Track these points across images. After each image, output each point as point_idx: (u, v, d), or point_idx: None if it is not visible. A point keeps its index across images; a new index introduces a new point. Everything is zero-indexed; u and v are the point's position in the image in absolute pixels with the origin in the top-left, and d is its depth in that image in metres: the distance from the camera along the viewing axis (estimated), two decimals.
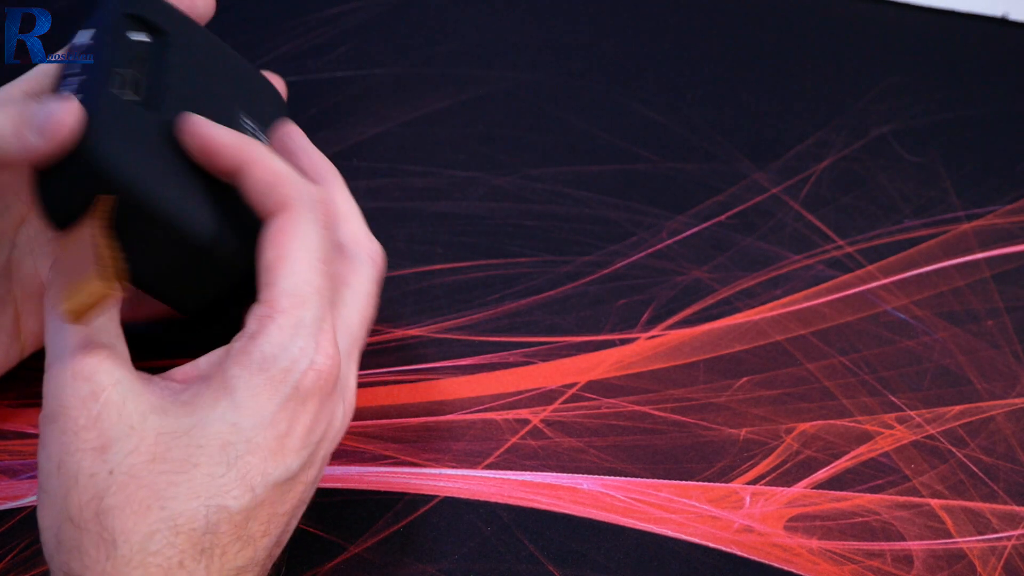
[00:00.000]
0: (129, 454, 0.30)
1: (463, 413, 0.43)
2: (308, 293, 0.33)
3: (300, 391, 0.32)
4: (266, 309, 0.33)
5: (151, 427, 0.31)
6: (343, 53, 0.57)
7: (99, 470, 0.30)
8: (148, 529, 0.29)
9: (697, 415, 0.43)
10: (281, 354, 0.32)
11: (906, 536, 0.40)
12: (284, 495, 0.32)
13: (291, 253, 0.33)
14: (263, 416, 0.32)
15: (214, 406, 0.31)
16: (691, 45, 0.58)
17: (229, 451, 0.31)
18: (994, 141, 0.54)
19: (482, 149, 0.53)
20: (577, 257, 0.49)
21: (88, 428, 0.30)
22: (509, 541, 0.40)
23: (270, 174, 0.34)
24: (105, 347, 0.32)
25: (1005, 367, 0.45)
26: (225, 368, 0.32)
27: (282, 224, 0.34)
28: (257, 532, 0.32)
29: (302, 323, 0.32)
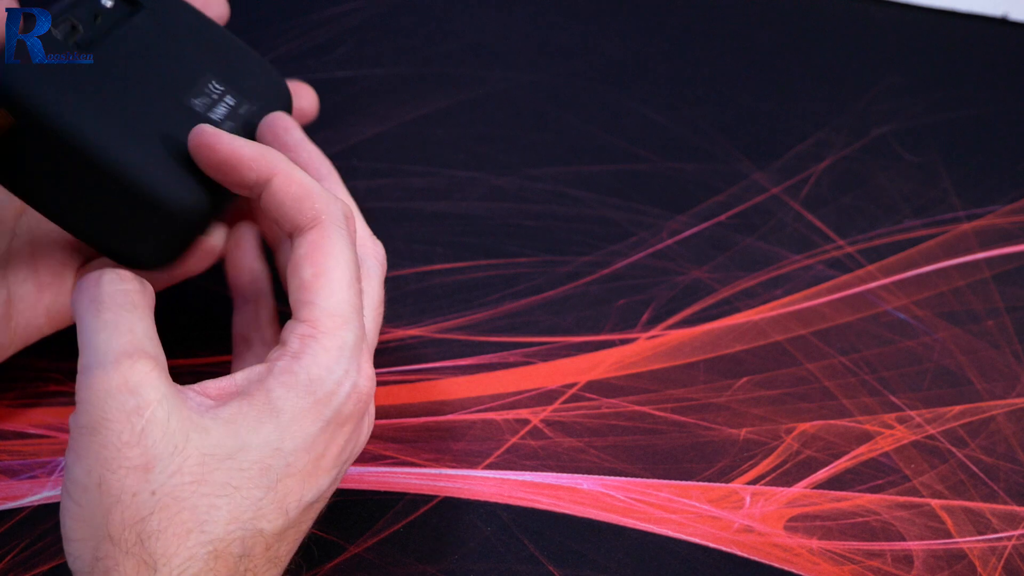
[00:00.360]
0: (173, 475, 0.30)
1: (463, 413, 0.43)
2: (349, 314, 0.33)
3: (341, 414, 0.32)
4: (309, 329, 0.32)
5: (194, 447, 0.30)
6: (343, 53, 0.57)
7: (142, 490, 0.29)
8: (188, 553, 0.29)
9: (697, 415, 0.43)
10: (327, 377, 0.32)
11: (906, 536, 0.40)
12: (311, 514, 0.33)
13: (328, 271, 0.33)
14: (305, 439, 0.32)
15: (258, 428, 0.31)
16: (691, 45, 0.58)
17: (269, 475, 0.31)
18: (994, 141, 0.54)
19: (482, 149, 0.53)
20: (577, 257, 0.49)
21: (132, 445, 0.29)
22: (509, 541, 0.40)
23: (298, 187, 0.34)
24: (151, 357, 0.31)
25: (1005, 367, 0.45)
26: (269, 388, 0.32)
27: (316, 240, 0.33)
28: (284, 552, 0.32)
29: (346, 345, 0.33)
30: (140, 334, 0.31)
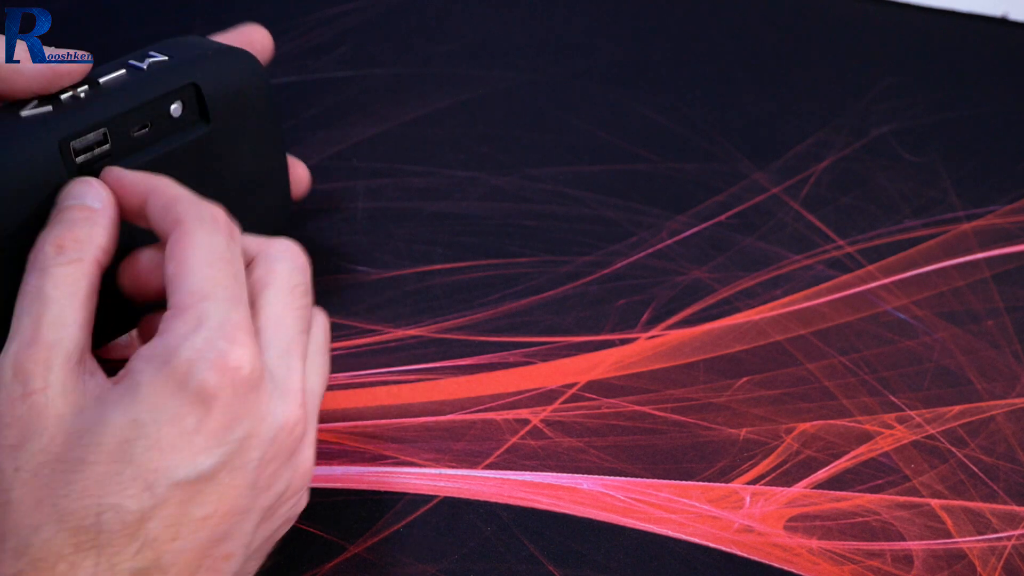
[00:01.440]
0: (36, 453, 0.30)
1: (463, 413, 0.43)
2: (209, 288, 0.33)
3: (208, 385, 0.31)
4: (170, 312, 0.32)
5: (64, 427, 0.31)
6: (343, 53, 0.57)
7: (7, 467, 0.30)
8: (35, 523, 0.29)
9: (697, 415, 0.43)
10: (183, 344, 0.31)
11: (906, 536, 0.40)
12: (197, 496, 0.31)
13: (188, 259, 0.33)
14: (167, 411, 0.31)
15: (119, 403, 0.31)
16: (691, 45, 0.58)
17: (127, 448, 0.30)
18: (994, 141, 0.54)
19: (482, 149, 0.53)
20: (577, 257, 0.49)
21: (11, 426, 0.30)
22: (509, 541, 0.40)
23: (165, 197, 0.35)
24: (51, 344, 0.31)
25: (1005, 367, 0.45)
26: (132, 366, 0.32)
27: (177, 237, 0.34)
28: (161, 535, 0.30)
29: (206, 315, 0.32)
30: (51, 318, 0.32)
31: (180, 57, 0.39)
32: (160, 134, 0.38)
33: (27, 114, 0.35)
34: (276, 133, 0.42)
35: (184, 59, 0.39)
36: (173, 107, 0.38)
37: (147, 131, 0.37)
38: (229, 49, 0.40)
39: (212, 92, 0.39)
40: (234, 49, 0.40)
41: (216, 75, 0.39)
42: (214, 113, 0.39)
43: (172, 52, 0.39)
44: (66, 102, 0.36)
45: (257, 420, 0.32)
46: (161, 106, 0.37)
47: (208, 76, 0.39)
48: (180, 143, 0.38)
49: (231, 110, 0.39)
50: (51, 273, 0.33)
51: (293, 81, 0.55)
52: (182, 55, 0.39)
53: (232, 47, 0.41)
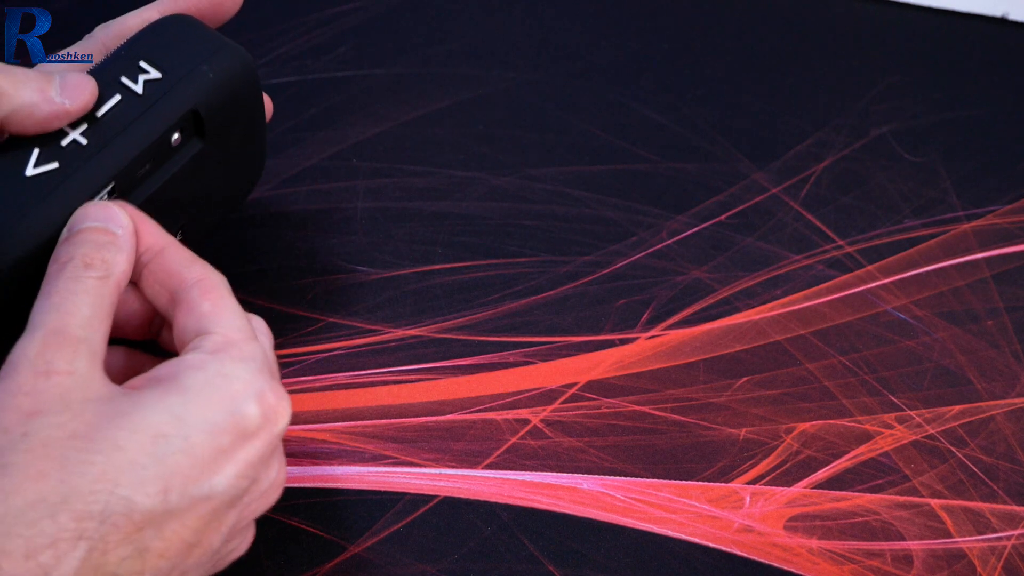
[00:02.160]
0: (51, 426, 0.29)
1: (463, 413, 0.43)
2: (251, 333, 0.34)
3: (248, 421, 0.31)
4: (220, 339, 0.33)
5: (92, 409, 0.30)
6: (343, 53, 0.57)
7: (14, 429, 0.29)
8: (34, 497, 0.28)
9: (697, 415, 0.43)
10: (237, 369, 0.32)
11: (906, 536, 0.40)
12: (198, 520, 0.30)
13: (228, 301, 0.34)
14: (208, 422, 0.30)
15: (163, 398, 0.30)
16: (691, 45, 0.58)
17: (161, 444, 0.29)
18: (994, 141, 0.54)
19: (482, 149, 0.53)
20: (577, 257, 0.49)
21: (27, 394, 0.29)
22: (509, 541, 0.40)
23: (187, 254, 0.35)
24: (79, 339, 0.31)
25: (1005, 367, 0.45)
26: (179, 371, 0.31)
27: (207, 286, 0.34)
28: (154, 546, 0.29)
29: (254, 355, 0.33)
30: (79, 318, 0.31)
31: (174, 71, 0.37)
32: (160, 163, 0.37)
33: (33, 174, 0.34)
34: (261, 114, 0.42)
35: (179, 74, 0.37)
36: (174, 138, 0.37)
37: (149, 166, 0.37)
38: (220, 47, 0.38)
39: (210, 113, 0.38)
40: (225, 46, 0.38)
41: (214, 93, 0.38)
42: (209, 130, 0.38)
43: (163, 60, 0.37)
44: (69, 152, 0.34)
45: (264, 473, 0.33)
46: (163, 141, 0.37)
47: (207, 97, 0.37)
48: (178, 166, 0.38)
49: (225, 119, 0.39)
50: (83, 281, 0.32)
51: (293, 81, 0.55)
52: (175, 68, 0.37)
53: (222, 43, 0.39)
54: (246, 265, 0.48)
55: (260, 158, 0.44)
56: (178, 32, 0.38)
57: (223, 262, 0.49)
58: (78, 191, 0.34)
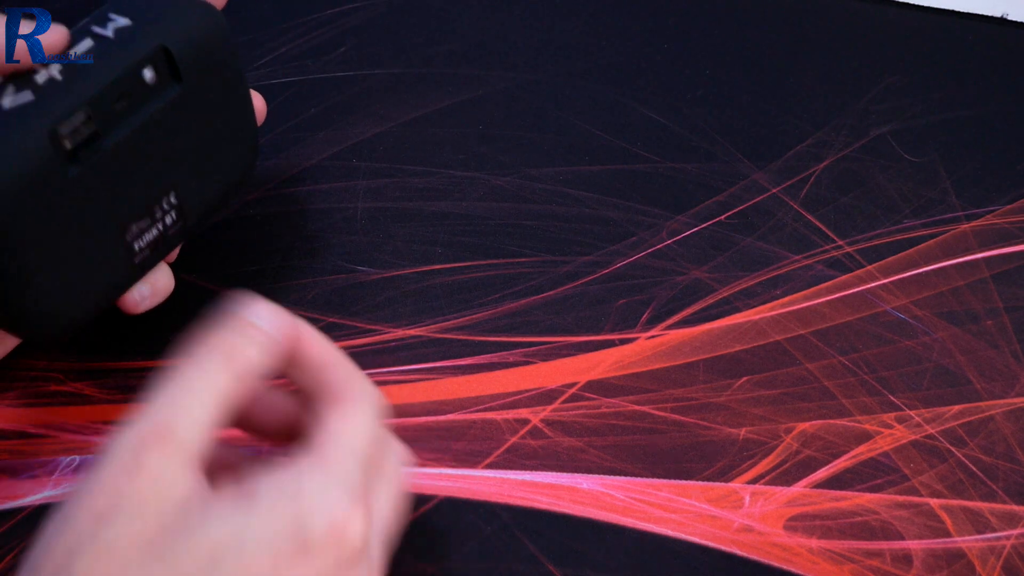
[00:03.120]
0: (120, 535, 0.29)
1: (463, 413, 0.43)
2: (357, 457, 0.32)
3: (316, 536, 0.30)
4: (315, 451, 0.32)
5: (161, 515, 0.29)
6: (343, 53, 0.57)
7: (85, 531, 0.29)
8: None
9: (697, 415, 0.43)
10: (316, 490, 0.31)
11: (905, 535, 0.40)
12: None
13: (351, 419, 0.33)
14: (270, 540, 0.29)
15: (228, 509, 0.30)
16: (691, 45, 0.58)
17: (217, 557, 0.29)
18: (994, 141, 0.54)
19: (482, 149, 0.53)
20: (577, 257, 0.49)
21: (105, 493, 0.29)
22: (509, 541, 0.40)
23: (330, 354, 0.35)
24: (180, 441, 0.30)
25: (1004, 367, 0.45)
26: (256, 479, 0.31)
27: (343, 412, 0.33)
28: None
29: (344, 474, 0.31)
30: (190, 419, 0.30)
31: (142, 18, 0.38)
32: (137, 102, 0.37)
33: (9, 104, 0.35)
34: (241, 81, 0.42)
35: (146, 20, 0.38)
36: (146, 73, 0.37)
37: (126, 102, 0.37)
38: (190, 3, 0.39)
39: (181, 52, 0.38)
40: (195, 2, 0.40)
41: (182, 33, 0.38)
42: (185, 72, 0.38)
43: (132, 12, 0.38)
44: (44, 85, 0.35)
45: None
46: (135, 74, 0.37)
47: (175, 36, 0.38)
48: (157, 107, 0.38)
49: (200, 66, 0.39)
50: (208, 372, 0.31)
51: (293, 81, 0.55)
52: (143, 16, 0.38)
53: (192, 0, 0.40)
54: (246, 265, 0.48)
55: (250, 139, 0.44)
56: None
57: (223, 262, 0.49)
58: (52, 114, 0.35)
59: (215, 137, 0.42)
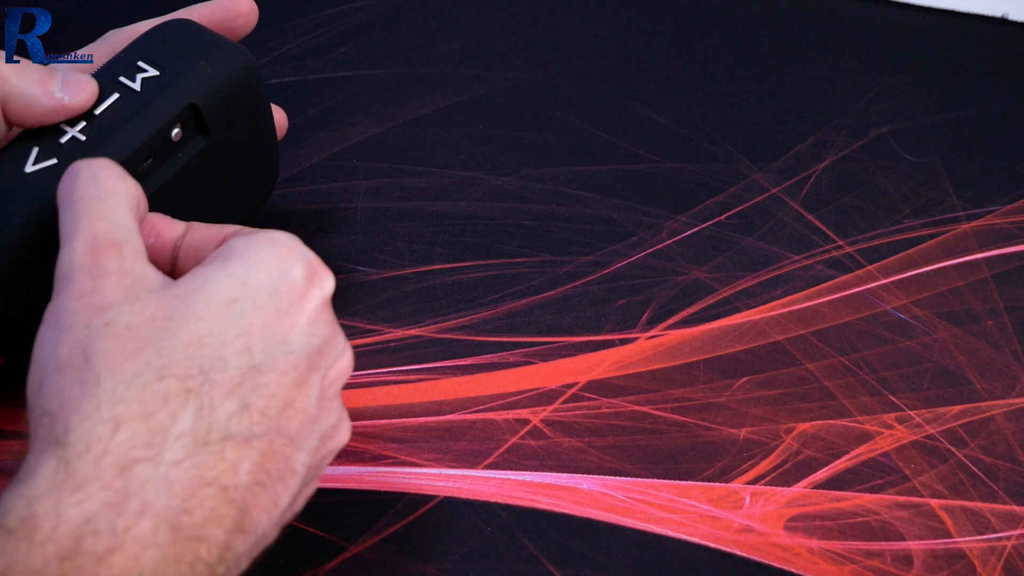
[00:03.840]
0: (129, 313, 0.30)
1: (463, 413, 0.43)
2: None
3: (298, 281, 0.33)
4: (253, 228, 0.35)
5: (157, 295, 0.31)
6: (343, 53, 0.57)
7: (95, 322, 0.30)
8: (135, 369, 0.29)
9: (697, 415, 0.43)
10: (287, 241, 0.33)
11: (906, 536, 0.40)
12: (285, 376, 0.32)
13: None
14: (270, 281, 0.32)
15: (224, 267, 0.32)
16: (691, 45, 0.58)
17: (234, 308, 0.31)
18: (994, 141, 0.54)
19: (482, 149, 0.53)
20: (577, 257, 0.49)
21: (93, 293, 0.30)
22: (509, 541, 0.40)
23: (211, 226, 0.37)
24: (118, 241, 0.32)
25: (1005, 367, 0.45)
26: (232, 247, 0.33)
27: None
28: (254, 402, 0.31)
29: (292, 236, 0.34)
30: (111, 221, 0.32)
31: (172, 68, 0.37)
32: (162, 159, 0.37)
33: (32, 170, 0.34)
34: (267, 116, 0.42)
35: (176, 70, 0.37)
36: (174, 132, 0.37)
37: (151, 162, 0.37)
38: (217, 46, 0.38)
39: (210, 107, 0.38)
40: (224, 45, 0.39)
41: (213, 88, 0.38)
42: (212, 126, 0.38)
43: (161, 59, 0.37)
44: (68, 148, 0.35)
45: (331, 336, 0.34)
46: (162, 136, 0.37)
47: (205, 92, 0.37)
48: (182, 163, 0.38)
49: (228, 116, 0.39)
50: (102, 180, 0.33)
51: (293, 81, 0.55)
52: (173, 64, 0.37)
53: (221, 42, 0.39)
54: None
55: (272, 164, 0.44)
56: (178, 34, 0.38)
57: None
58: None
59: (239, 175, 0.42)
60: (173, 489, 0.28)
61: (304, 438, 0.32)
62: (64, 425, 0.28)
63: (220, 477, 0.29)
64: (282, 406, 0.31)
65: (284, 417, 0.31)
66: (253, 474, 0.30)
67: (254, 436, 0.30)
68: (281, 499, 0.32)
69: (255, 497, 0.30)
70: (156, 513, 0.28)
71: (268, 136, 0.42)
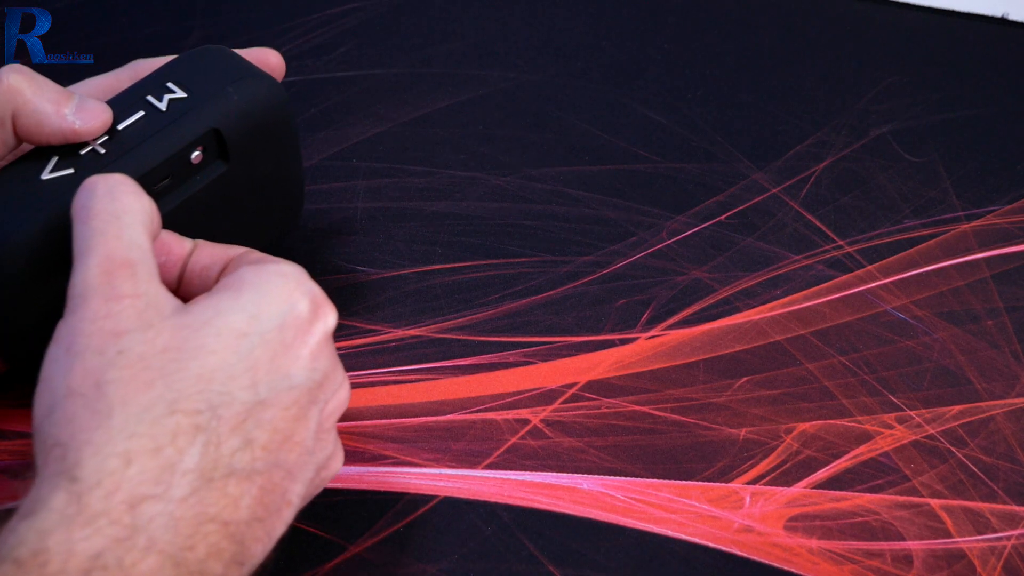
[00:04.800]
0: (142, 342, 0.30)
1: (463, 413, 0.43)
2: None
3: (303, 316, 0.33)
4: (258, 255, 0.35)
5: (169, 324, 0.31)
6: (343, 53, 0.57)
7: (109, 349, 0.30)
8: (147, 402, 0.29)
9: (697, 415, 0.43)
10: (294, 274, 0.34)
11: (906, 536, 0.40)
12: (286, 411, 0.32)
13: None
14: (279, 315, 0.32)
15: (237, 299, 0.32)
16: (691, 45, 0.58)
17: (243, 343, 0.31)
18: (994, 141, 0.54)
19: (482, 149, 0.53)
20: (577, 257, 0.49)
21: (107, 317, 0.30)
22: (509, 541, 0.40)
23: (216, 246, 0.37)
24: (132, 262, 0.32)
25: (1005, 367, 0.45)
26: (243, 278, 0.33)
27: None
28: (257, 437, 0.31)
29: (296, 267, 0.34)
30: (126, 241, 0.32)
31: (200, 91, 0.37)
32: (180, 181, 0.37)
33: (48, 178, 0.35)
34: (294, 148, 0.42)
35: (203, 94, 0.37)
36: (194, 155, 0.37)
37: (168, 181, 0.37)
38: (250, 73, 0.38)
39: (232, 134, 0.38)
40: (255, 74, 0.39)
41: (238, 115, 0.38)
42: (233, 153, 0.38)
43: (191, 82, 0.37)
44: (86, 160, 0.35)
45: (331, 370, 0.34)
46: (182, 157, 0.37)
47: (229, 118, 0.37)
48: (199, 186, 0.38)
49: (251, 145, 0.39)
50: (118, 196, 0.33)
51: (293, 81, 0.55)
52: (201, 87, 0.37)
53: (253, 70, 0.39)
54: None
55: (297, 195, 0.44)
56: (211, 59, 0.39)
57: None
58: None
59: (260, 203, 0.41)
60: (178, 526, 0.29)
61: (301, 470, 0.33)
62: (75, 457, 0.29)
63: (222, 513, 0.30)
64: (282, 440, 0.32)
65: (284, 450, 0.32)
66: (252, 508, 0.31)
67: (256, 472, 0.31)
68: (276, 530, 0.32)
69: (253, 531, 0.31)
70: (161, 549, 0.29)
71: (294, 167, 0.42)
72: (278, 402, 0.32)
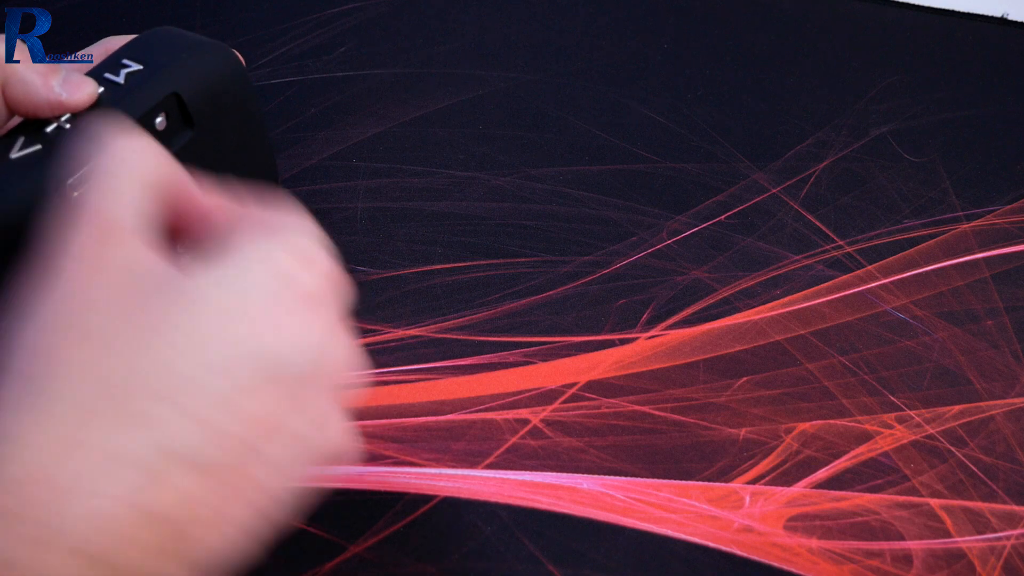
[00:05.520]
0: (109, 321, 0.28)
1: (463, 413, 0.43)
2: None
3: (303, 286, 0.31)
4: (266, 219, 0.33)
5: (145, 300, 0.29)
6: (343, 53, 0.57)
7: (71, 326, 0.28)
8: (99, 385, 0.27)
9: (697, 415, 0.43)
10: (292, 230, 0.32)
11: (905, 536, 0.40)
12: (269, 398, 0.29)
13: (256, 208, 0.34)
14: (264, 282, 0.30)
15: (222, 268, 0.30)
16: (691, 45, 0.58)
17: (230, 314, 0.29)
18: (994, 141, 0.54)
19: (482, 149, 0.53)
20: (577, 257, 0.49)
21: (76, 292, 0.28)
22: (509, 541, 0.40)
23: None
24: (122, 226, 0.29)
25: (1004, 367, 0.45)
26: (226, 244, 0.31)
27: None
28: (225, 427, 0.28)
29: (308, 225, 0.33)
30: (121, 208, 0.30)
31: (155, 63, 0.38)
32: None
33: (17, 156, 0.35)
34: (258, 118, 0.42)
35: (159, 65, 0.38)
36: (158, 120, 0.37)
37: None
38: (202, 44, 0.39)
39: (193, 98, 0.38)
40: (207, 43, 0.40)
41: (195, 79, 0.38)
42: (197, 117, 0.39)
43: (146, 56, 0.38)
44: (53, 137, 0.35)
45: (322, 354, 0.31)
46: (146, 123, 0.37)
47: (187, 82, 0.38)
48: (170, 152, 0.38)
49: (213, 109, 0.39)
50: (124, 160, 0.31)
51: (293, 81, 0.55)
52: (156, 59, 0.38)
53: (204, 40, 0.40)
54: None
55: (268, 166, 0.44)
56: (164, 36, 0.40)
57: None
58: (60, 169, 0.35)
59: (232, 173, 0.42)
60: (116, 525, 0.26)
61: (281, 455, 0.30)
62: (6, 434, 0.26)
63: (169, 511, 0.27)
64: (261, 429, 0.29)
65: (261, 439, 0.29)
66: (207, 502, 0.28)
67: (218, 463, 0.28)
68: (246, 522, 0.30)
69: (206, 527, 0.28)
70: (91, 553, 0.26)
71: (259, 135, 0.43)
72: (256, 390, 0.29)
